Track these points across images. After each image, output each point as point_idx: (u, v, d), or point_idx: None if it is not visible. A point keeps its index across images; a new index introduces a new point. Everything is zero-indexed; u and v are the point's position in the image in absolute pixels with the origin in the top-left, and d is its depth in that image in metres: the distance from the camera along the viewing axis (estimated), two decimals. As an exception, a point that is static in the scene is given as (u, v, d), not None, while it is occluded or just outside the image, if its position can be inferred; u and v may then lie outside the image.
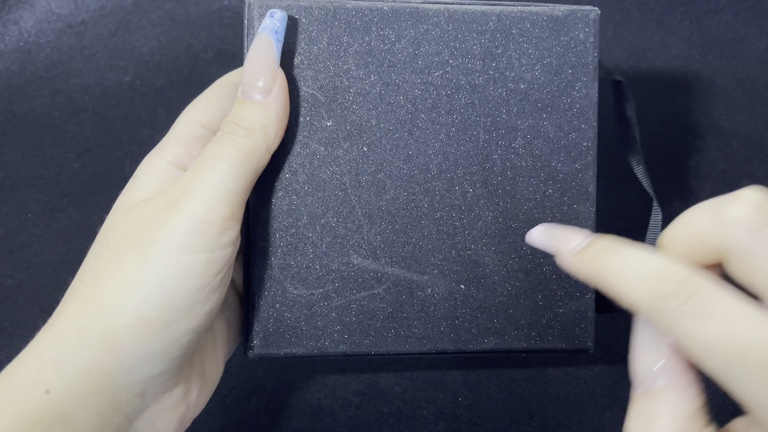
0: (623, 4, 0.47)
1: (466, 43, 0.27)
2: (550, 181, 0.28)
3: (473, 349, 0.28)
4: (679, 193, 0.43)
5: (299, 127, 0.27)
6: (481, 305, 0.28)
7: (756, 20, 0.47)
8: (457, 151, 0.28)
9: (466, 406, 0.37)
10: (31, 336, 0.39)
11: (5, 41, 0.48)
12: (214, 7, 0.48)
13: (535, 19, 0.27)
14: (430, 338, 0.28)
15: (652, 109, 0.45)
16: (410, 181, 0.27)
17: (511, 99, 0.28)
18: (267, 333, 0.27)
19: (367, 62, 0.27)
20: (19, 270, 0.41)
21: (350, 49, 0.27)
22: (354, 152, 0.27)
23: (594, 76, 0.28)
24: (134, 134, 0.45)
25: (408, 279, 0.28)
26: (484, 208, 0.28)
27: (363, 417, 0.36)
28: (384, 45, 0.27)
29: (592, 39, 0.28)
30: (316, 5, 0.27)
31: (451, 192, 0.28)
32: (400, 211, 0.28)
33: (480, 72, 0.27)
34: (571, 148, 0.28)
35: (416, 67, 0.27)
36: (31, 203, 0.43)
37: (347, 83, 0.27)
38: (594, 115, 0.28)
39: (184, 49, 0.47)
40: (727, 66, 0.46)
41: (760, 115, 0.45)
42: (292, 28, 0.27)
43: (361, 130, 0.27)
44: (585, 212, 0.28)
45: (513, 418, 0.36)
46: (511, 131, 0.28)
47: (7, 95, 0.46)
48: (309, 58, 0.27)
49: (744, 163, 0.44)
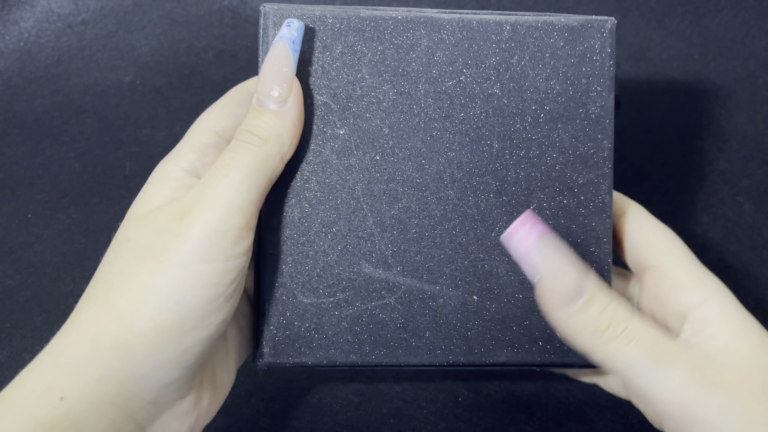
0: (623, 4, 0.47)
1: (480, 52, 0.27)
2: (565, 191, 0.27)
3: (486, 362, 0.28)
4: (679, 193, 0.43)
5: (312, 135, 0.27)
6: (494, 317, 0.27)
7: (756, 20, 0.47)
8: (471, 161, 0.27)
9: (466, 406, 0.37)
10: (31, 336, 0.39)
11: (5, 41, 0.48)
12: (215, 7, 0.48)
13: (550, 29, 0.27)
14: (442, 350, 0.27)
15: (652, 110, 0.45)
16: (423, 190, 0.27)
17: (525, 109, 0.27)
18: (276, 342, 0.27)
19: (380, 71, 0.27)
20: (19, 270, 0.41)
21: (364, 57, 0.27)
22: (366, 161, 0.27)
23: (610, 86, 0.27)
24: (134, 134, 0.45)
25: (420, 289, 0.27)
26: (497, 219, 0.27)
27: (363, 417, 0.36)
28: (398, 54, 0.27)
29: (609, 49, 0.27)
30: (331, 14, 0.27)
31: (464, 201, 0.27)
32: (413, 220, 0.27)
33: (494, 81, 0.27)
34: (587, 158, 0.27)
35: (430, 77, 0.27)
36: (31, 203, 0.43)
37: (360, 92, 0.27)
38: (611, 125, 0.27)
39: (184, 49, 0.47)
40: (727, 66, 0.46)
41: (759, 115, 0.45)
42: (307, 37, 0.27)
43: (374, 139, 0.27)
44: (601, 223, 0.27)
45: (513, 418, 0.36)
46: (526, 141, 0.27)
47: (7, 95, 0.46)
48: (323, 67, 0.27)
49: (744, 163, 0.44)
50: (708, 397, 0.22)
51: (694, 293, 0.26)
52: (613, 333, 0.23)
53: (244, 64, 0.47)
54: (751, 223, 0.42)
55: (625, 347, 0.23)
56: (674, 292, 0.26)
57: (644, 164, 0.44)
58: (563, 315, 0.24)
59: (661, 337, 0.24)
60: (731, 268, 0.41)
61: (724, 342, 0.24)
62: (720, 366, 0.23)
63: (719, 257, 0.41)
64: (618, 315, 0.24)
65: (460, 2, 0.48)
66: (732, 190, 0.43)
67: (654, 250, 0.27)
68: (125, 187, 0.43)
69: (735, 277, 0.40)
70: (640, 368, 0.23)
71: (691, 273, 0.26)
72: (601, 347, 0.24)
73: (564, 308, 0.24)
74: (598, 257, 0.27)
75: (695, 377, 0.23)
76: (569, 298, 0.24)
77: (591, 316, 0.24)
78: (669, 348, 0.23)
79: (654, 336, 0.23)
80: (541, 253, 0.24)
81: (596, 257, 0.27)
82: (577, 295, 0.24)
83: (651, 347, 0.23)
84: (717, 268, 0.42)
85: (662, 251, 0.27)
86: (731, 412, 0.22)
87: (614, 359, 0.23)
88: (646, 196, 0.44)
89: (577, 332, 0.24)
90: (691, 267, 0.26)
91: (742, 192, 0.43)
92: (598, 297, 0.24)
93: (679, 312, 0.26)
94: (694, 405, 0.22)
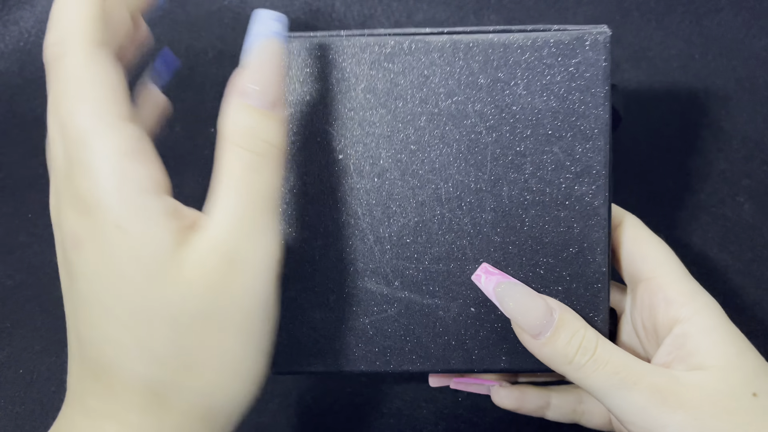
0: (623, 4, 0.47)
1: (472, 73, 0.27)
2: (560, 206, 0.28)
3: (486, 369, 0.29)
4: (679, 193, 0.43)
5: (311, 161, 0.28)
6: (492, 326, 0.28)
7: (756, 20, 0.47)
8: (466, 179, 0.28)
9: (466, 406, 0.37)
10: (30, 336, 0.39)
11: (5, 41, 0.48)
12: (214, 7, 0.48)
13: (543, 46, 0.27)
14: (443, 359, 0.28)
15: (652, 109, 0.45)
16: (420, 209, 0.28)
17: (519, 126, 0.27)
18: (289, 352, 0.29)
19: (376, 95, 0.28)
20: (19, 270, 0.41)
21: (359, 83, 0.27)
22: (365, 183, 0.28)
23: (605, 99, 0.27)
24: (134, 134, 0.45)
25: (419, 302, 0.28)
26: (493, 234, 0.28)
27: (363, 417, 0.36)
28: (391, 76, 0.27)
29: (603, 63, 0.27)
30: (324, 40, 0.27)
31: (460, 219, 0.28)
32: (411, 237, 0.28)
33: (487, 101, 0.27)
34: (583, 173, 0.28)
35: (423, 98, 0.27)
36: (31, 203, 0.43)
37: (356, 116, 0.28)
38: (605, 138, 0.27)
39: (184, 50, 0.47)
40: (727, 66, 0.46)
41: (760, 115, 0.45)
42: (303, 63, 0.27)
43: (372, 161, 0.28)
44: (597, 237, 0.28)
45: (513, 418, 0.36)
46: (521, 157, 0.28)
47: (7, 95, 0.46)
48: (319, 92, 0.28)
49: (744, 163, 0.44)
50: (668, 418, 0.24)
51: (683, 308, 0.27)
52: (580, 361, 0.25)
53: (244, 64, 0.47)
54: (751, 223, 0.42)
55: (592, 374, 0.25)
56: (665, 306, 0.27)
57: (644, 164, 0.44)
58: (535, 346, 0.26)
59: (626, 363, 0.25)
60: (731, 268, 0.41)
61: (700, 359, 0.25)
62: (684, 386, 0.24)
63: (719, 257, 0.41)
64: (584, 344, 0.25)
65: (460, 2, 0.48)
66: (732, 189, 0.43)
67: (649, 263, 0.28)
68: (125, 187, 0.43)
69: (735, 277, 0.40)
70: (605, 392, 0.25)
71: (683, 288, 0.27)
72: (572, 373, 0.25)
73: (534, 340, 0.26)
74: (595, 268, 0.28)
75: (656, 400, 0.24)
76: (539, 330, 0.26)
77: (559, 346, 0.26)
78: (632, 373, 0.25)
79: (617, 362, 0.25)
80: (500, 297, 0.26)
81: (593, 268, 0.28)
82: (546, 327, 0.26)
83: (615, 373, 0.25)
84: (717, 268, 0.42)
85: (656, 264, 0.28)
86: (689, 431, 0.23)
87: (584, 384, 0.25)
88: (646, 195, 0.44)
89: (550, 360, 0.26)
90: (683, 282, 0.27)
91: (742, 192, 0.43)
92: (565, 327, 0.26)
93: (668, 326, 0.27)
94: (655, 425, 0.24)
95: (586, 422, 0.33)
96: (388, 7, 0.48)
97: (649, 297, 0.28)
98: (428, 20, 0.48)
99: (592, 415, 0.32)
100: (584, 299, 0.28)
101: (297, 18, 0.49)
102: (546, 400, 0.32)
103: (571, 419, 0.33)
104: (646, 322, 0.29)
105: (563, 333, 0.26)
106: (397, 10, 0.48)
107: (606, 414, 0.32)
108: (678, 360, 0.26)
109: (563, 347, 0.25)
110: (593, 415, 0.32)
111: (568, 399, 0.33)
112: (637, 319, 0.29)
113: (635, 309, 0.29)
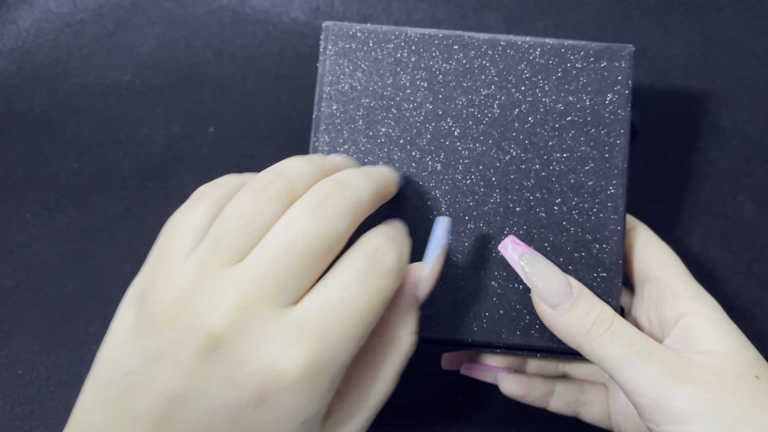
0: (623, 3, 0.47)
1: (511, 68, 0.31)
2: (581, 197, 0.30)
3: (500, 343, 0.30)
4: (679, 193, 0.43)
5: (360, 133, 0.31)
6: (510, 303, 0.30)
7: (756, 19, 0.47)
8: (497, 161, 0.30)
9: (467, 406, 0.37)
10: (29, 336, 0.39)
11: (4, 41, 0.48)
12: (213, 6, 0.48)
13: (574, 51, 0.31)
14: (460, 328, 0.30)
15: (653, 109, 0.45)
16: (453, 185, 0.30)
17: (548, 119, 0.30)
18: None
19: (422, 78, 0.31)
20: (17, 270, 0.40)
21: (407, 68, 0.31)
22: (405, 155, 0.30)
23: (626, 104, 0.31)
24: (133, 134, 0.45)
25: (446, 272, 0.30)
26: (519, 215, 0.30)
27: (363, 417, 0.36)
28: (438, 65, 0.31)
29: (627, 70, 0.31)
30: (378, 31, 0.31)
31: (489, 197, 0.30)
32: (444, 209, 0.30)
33: (521, 94, 0.31)
34: (604, 168, 0.30)
35: (464, 87, 0.31)
36: (29, 203, 0.43)
37: (402, 95, 0.31)
38: (625, 139, 0.30)
39: (183, 49, 0.47)
40: (728, 65, 0.46)
41: (760, 114, 0.45)
42: (359, 48, 0.31)
43: (414, 137, 0.31)
44: (614, 227, 0.30)
45: (513, 419, 0.36)
46: (547, 148, 0.30)
47: (5, 95, 0.46)
48: (372, 73, 0.31)
49: (744, 163, 0.44)
50: (678, 389, 0.25)
51: (689, 303, 0.29)
52: (597, 332, 0.26)
53: (242, 64, 0.47)
54: (752, 222, 0.42)
55: (608, 344, 0.26)
56: (672, 300, 0.29)
57: (645, 163, 0.44)
58: (553, 316, 0.27)
59: (641, 337, 0.26)
60: (732, 267, 0.41)
61: (705, 345, 0.27)
62: (693, 364, 0.26)
63: (720, 256, 0.41)
64: (601, 317, 0.27)
65: (460, 1, 0.48)
66: (733, 189, 0.43)
67: (658, 264, 0.31)
68: (124, 186, 0.43)
69: (736, 276, 0.40)
70: (620, 363, 0.26)
71: (688, 286, 0.29)
72: (587, 344, 0.26)
73: (554, 309, 0.27)
74: (610, 256, 0.30)
75: (668, 372, 0.25)
76: (558, 300, 0.27)
77: (577, 316, 0.27)
78: (647, 347, 0.26)
79: (633, 335, 0.26)
80: (525, 265, 0.28)
81: (608, 257, 0.30)
82: (565, 298, 0.27)
83: (630, 345, 0.26)
84: (717, 268, 0.42)
85: (665, 265, 0.31)
86: (699, 402, 0.24)
87: (598, 355, 0.26)
88: (646, 195, 0.43)
89: (566, 331, 0.27)
90: (688, 282, 0.30)
91: (743, 191, 0.43)
92: (583, 300, 0.27)
93: (674, 317, 0.29)
94: (665, 396, 0.25)
95: (585, 414, 0.33)
96: (388, 6, 0.48)
97: (656, 293, 0.30)
98: (428, 19, 0.48)
99: (593, 405, 0.33)
100: (599, 284, 0.30)
101: (296, 17, 0.49)
102: (551, 387, 0.33)
103: (573, 410, 0.33)
104: (652, 317, 0.30)
105: (581, 305, 0.27)
106: (397, 9, 0.48)
107: (605, 407, 0.33)
108: (684, 347, 0.27)
109: (581, 318, 0.27)
110: (593, 406, 0.33)
111: (572, 388, 0.33)
112: (642, 314, 0.31)
113: (642, 305, 0.31)
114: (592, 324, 0.26)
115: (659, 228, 0.34)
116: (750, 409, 0.24)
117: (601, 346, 0.26)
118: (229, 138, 0.45)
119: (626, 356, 0.26)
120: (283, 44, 0.47)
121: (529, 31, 0.47)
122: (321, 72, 0.31)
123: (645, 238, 0.32)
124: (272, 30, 0.48)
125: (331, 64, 0.31)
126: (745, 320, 0.39)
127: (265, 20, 0.49)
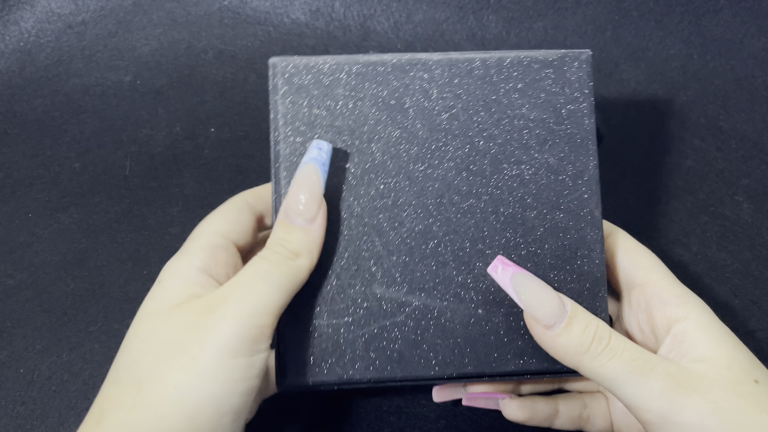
0: (623, 4, 0.47)
1: (469, 87, 0.30)
2: (556, 209, 0.29)
3: (494, 372, 0.29)
4: (678, 193, 0.43)
5: None
6: (500, 329, 0.29)
7: (754, 20, 0.47)
8: (467, 185, 0.29)
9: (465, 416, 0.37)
10: (31, 336, 0.39)
11: (5, 41, 0.48)
12: (214, 7, 0.48)
13: (531, 63, 0.30)
14: (452, 363, 0.29)
15: (651, 109, 0.45)
16: (425, 214, 0.29)
17: (514, 135, 0.30)
18: (298, 364, 0.28)
19: (382, 110, 0.29)
20: (19, 269, 0.41)
21: (365, 99, 0.29)
22: (371, 191, 0.29)
23: (590, 110, 0.30)
24: (134, 134, 0.45)
25: (428, 306, 0.29)
26: (495, 237, 0.29)
27: (363, 414, 0.36)
28: (396, 93, 0.30)
29: (586, 77, 0.30)
30: (334, 62, 0.30)
31: (463, 223, 0.29)
32: (417, 242, 0.29)
33: (483, 112, 0.30)
34: (576, 177, 0.30)
35: (425, 112, 0.30)
36: (31, 203, 0.43)
37: (363, 128, 0.29)
38: (593, 145, 0.30)
39: (184, 49, 0.48)
40: (726, 66, 0.46)
41: (758, 115, 0.45)
42: (314, 81, 0.29)
43: (379, 171, 0.29)
44: (593, 238, 0.29)
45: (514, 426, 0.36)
46: (517, 164, 0.29)
47: (7, 95, 0.47)
48: (329, 108, 0.29)
49: (743, 163, 0.44)
50: (684, 402, 0.24)
51: (679, 309, 0.28)
52: (596, 350, 0.26)
53: (243, 65, 0.47)
54: (750, 223, 0.42)
55: (608, 362, 0.25)
56: (661, 306, 0.28)
57: (643, 164, 0.44)
58: (550, 336, 0.26)
59: (640, 351, 0.26)
60: (730, 266, 0.41)
61: (701, 352, 0.26)
62: (695, 374, 0.25)
63: (718, 256, 0.41)
64: (598, 333, 0.26)
65: (460, 2, 0.48)
66: (731, 189, 0.43)
67: (641, 269, 0.30)
68: (125, 186, 0.43)
69: (734, 276, 0.41)
70: (623, 380, 0.25)
71: (675, 291, 0.29)
72: (587, 363, 0.26)
73: (548, 331, 0.26)
74: (593, 268, 0.29)
75: (672, 385, 0.25)
76: (553, 320, 0.26)
77: (574, 335, 0.26)
78: (647, 361, 0.25)
79: (633, 351, 0.26)
80: (517, 287, 0.27)
81: (591, 268, 0.29)
82: (560, 318, 0.26)
83: (631, 361, 0.25)
84: (716, 268, 0.42)
85: (649, 270, 0.30)
86: (707, 414, 0.24)
87: (599, 373, 0.26)
88: (645, 195, 0.44)
89: (564, 351, 0.26)
90: (674, 285, 0.29)
91: (741, 191, 0.43)
92: (578, 318, 0.26)
93: (665, 324, 0.28)
94: (672, 410, 0.24)
95: (590, 428, 0.33)
96: (388, 7, 0.49)
97: (645, 300, 0.29)
98: (427, 20, 0.48)
99: (596, 419, 0.33)
100: (585, 297, 0.29)
101: (297, 18, 0.49)
102: (554, 407, 0.33)
103: (578, 426, 0.33)
104: (643, 325, 0.29)
105: (577, 323, 0.26)
106: (397, 10, 0.48)
107: (608, 417, 0.33)
108: (679, 355, 0.27)
109: (578, 336, 0.26)
110: (597, 419, 0.33)
111: (574, 405, 0.33)
112: (633, 322, 0.30)
113: (631, 313, 0.30)
114: (590, 342, 0.26)
115: (658, 228, 0.34)
116: (755, 414, 0.24)
117: (602, 365, 0.25)
118: (230, 138, 0.45)
119: (628, 372, 0.25)
120: (284, 45, 0.48)
121: (529, 32, 0.47)
122: (274, 109, 0.29)
123: (625, 244, 0.31)
124: (273, 31, 0.49)
125: (284, 101, 0.29)
126: (743, 319, 0.39)
127: (265, 21, 0.49)
